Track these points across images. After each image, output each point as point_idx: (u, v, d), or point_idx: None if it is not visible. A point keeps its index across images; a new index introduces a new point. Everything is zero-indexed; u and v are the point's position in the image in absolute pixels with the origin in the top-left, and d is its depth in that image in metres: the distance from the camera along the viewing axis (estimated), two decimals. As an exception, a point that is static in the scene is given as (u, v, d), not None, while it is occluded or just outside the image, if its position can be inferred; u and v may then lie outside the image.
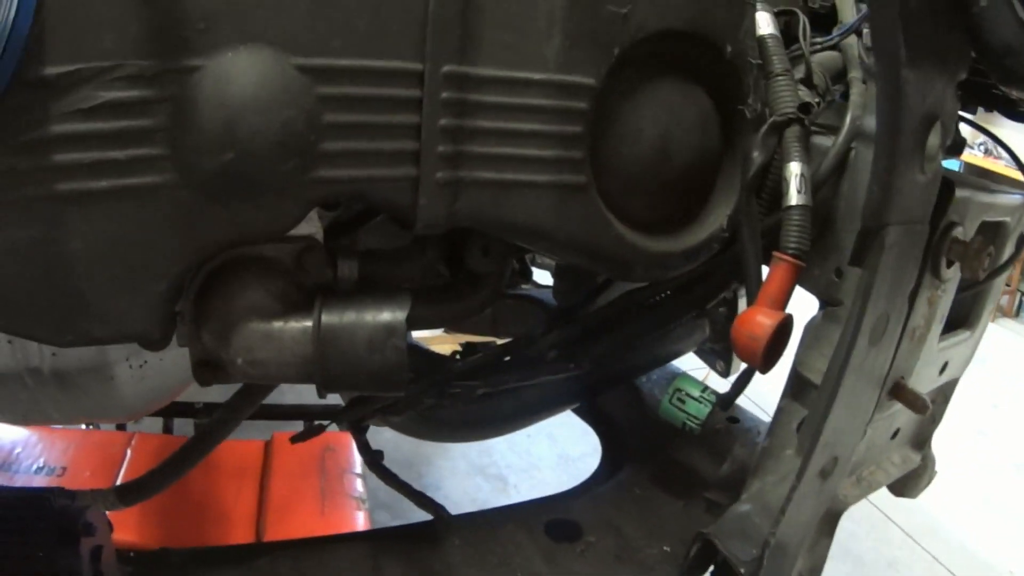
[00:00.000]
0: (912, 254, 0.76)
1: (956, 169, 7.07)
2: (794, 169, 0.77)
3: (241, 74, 0.59)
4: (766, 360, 0.76)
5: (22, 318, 0.62)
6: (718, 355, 1.30)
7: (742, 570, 0.81)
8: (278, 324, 0.69)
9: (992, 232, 1.04)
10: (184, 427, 2.38)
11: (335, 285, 0.76)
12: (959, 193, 0.83)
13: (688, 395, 0.92)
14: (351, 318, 0.69)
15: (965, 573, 3.53)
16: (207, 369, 0.74)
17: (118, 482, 1.99)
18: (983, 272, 0.80)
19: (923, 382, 0.98)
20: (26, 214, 0.58)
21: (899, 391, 0.87)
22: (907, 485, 1.29)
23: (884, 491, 3.72)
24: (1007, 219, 1.04)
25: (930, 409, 0.87)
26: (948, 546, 3.72)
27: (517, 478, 3.26)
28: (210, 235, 0.64)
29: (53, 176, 0.58)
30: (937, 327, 0.94)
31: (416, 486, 1.09)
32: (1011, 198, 1.05)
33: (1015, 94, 1.03)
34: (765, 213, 0.87)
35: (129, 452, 2.23)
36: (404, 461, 3.14)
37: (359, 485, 2.19)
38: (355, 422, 1.10)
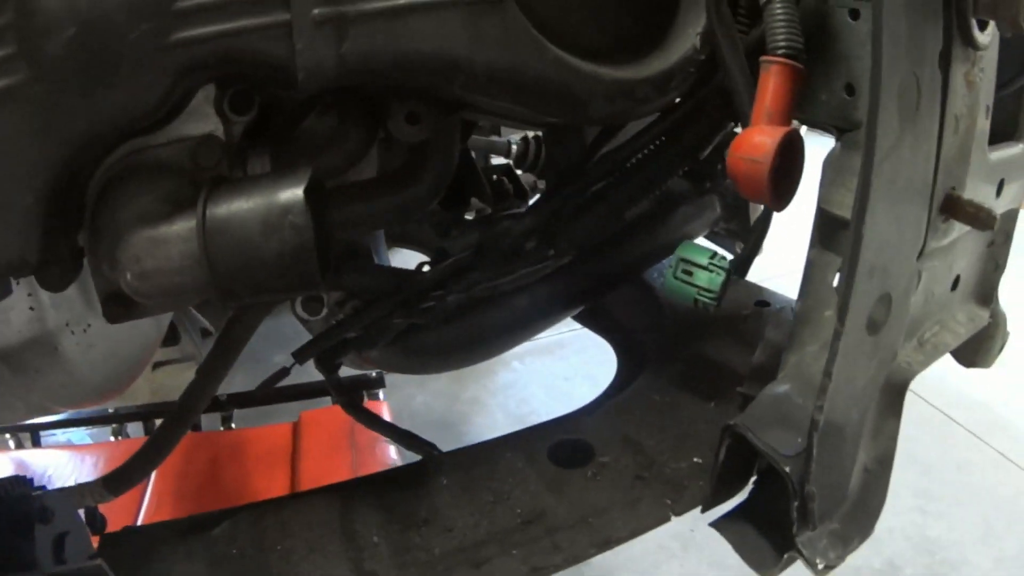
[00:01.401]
0: (927, 6, 0.61)
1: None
2: None
3: None
4: (776, 189, 0.62)
5: None
6: (736, 235, 1.16)
7: (787, 468, 0.65)
8: (164, 227, 0.61)
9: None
10: (212, 422, 2.38)
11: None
12: None
13: (695, 264, 0.77)
14: (241, 204, 0.60)
15: (1038, 466, 3.39)
16: (116, 303, 0.68)
17: (150, 486, 2.06)
18: None
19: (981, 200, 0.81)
20: None
21: (954, 204, 0.70)
22: (979, 351, 1.12)
23: (941, 390, 3.59)
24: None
25: (997, 222, 0.70)
26: (1017, 443, 3.60)
27: (561, 423, 3.24)
28: (72, 131, 0.59)
29: None
30: (984, 121, 0.78)
31: (456, 446, 0.95)
32: None
33: None
34: (747, 29, 0.74)
35: (159, 456, 2.20)
36: (439, 422, 3.08)
37: (392, 452, 2.11)
38: (324, 361, 0.97)
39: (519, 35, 0.64)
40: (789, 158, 0.63)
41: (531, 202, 1.26)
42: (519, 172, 1.33)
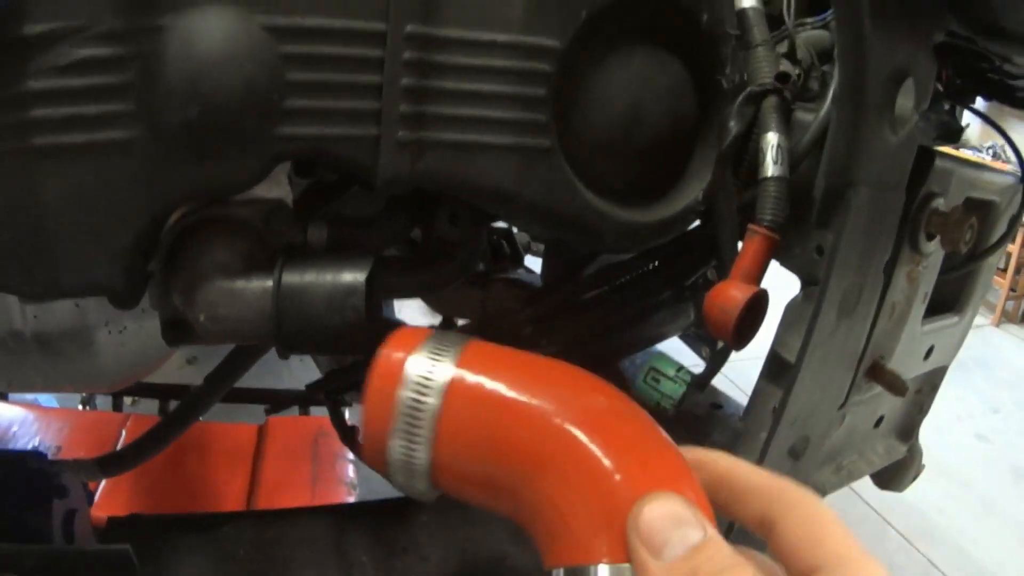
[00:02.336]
0: (885, 222, 0.74)
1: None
2: (771, 140, 0.76)
3: (206, 32, 0.61)
4: (738, 335, 0.74)
5: (-4, 268, 0.65)
6: (703, 340, 1.29)
7: None
8: (241, 282, 0.70)
9: (980, 211, 1.01)
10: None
11: (305, 248, 0.77)
12: (939, 164, 0.81)
13: (662, 374, 0.90)
14: (311, 278, 0.69)
15: (961, 578, 3.51)
16: (174, 329, 0.77)
17: None
18: (964, 245, 0.77)
19: (907, 366, 0.95)
20: (3, 167, 0.61)
21: (878, 372, 0.84)
22: (893, 477, 1.27)
23: (883, 494, 3.73)
24: (995, 199, 1.01)
25: (908, 391, 0.84)
26: (945, 550, 3.71)
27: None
28: (174, 189, 0.66)
29: (30, 131, 0.60)
30: (919, 306, 0.91)
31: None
32: (1001, 177, 1.03)
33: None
34: (745, 188, 0.85)
35: (124, 433, 2.26)
36: None
37: (351, 471, 2.20)
38: (332, 396, 1.08)
39: (559, 179, 0.75)
40: (753, 313, 0.76)
41: (526, 268, 1.37)
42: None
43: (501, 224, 1.48)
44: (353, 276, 0.68)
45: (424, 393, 0.49)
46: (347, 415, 2.35)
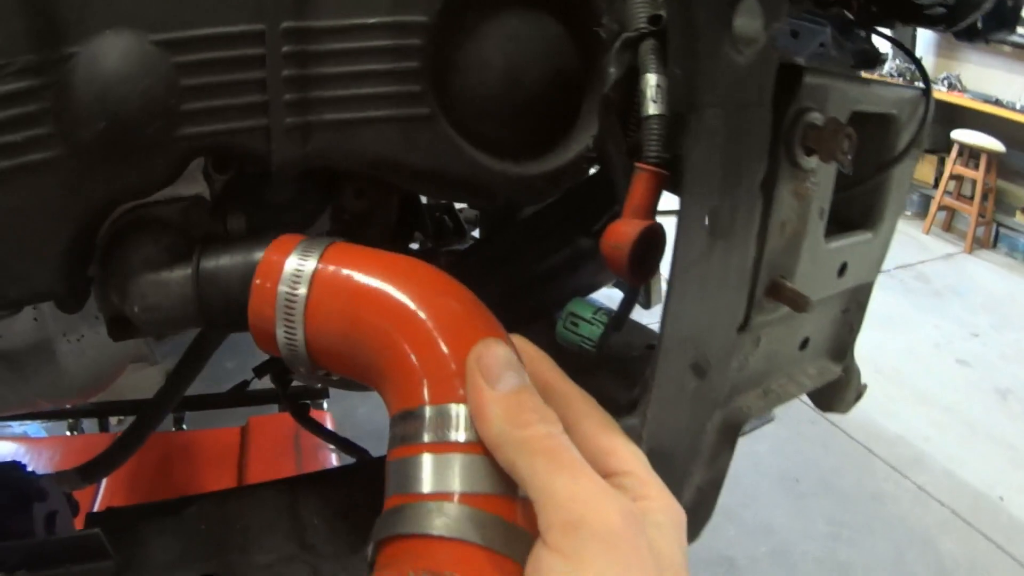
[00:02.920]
0: (748, 141, 0.77)
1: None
2: (650, 80, 0.78)
3: (108, 55, 0.69)
4: (633, 270, 0.78)
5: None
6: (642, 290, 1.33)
7: None
8: (165, 273, 0.77)
9: (877, 125, 1.06)
10: (164, 423, 2.44)
11: (225, 237, 0.84)
12: (811, 79, 0.84)
13: (580, 317, 0.94)
14: (226, 261, 0.76)
15: (953, 501, 3.59)
16: (117, 325, 0.84)
17: (104, 481, 2.13)
18: (843, 155, 0.79)
19: (816, 284, 0.98)
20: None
21: (777, 290, 0.88)
22: (833, 398, 1.30)
23: (864, 425, 3.79)
24: (893, 111, 1.05)
25: (811, 306, 0.88)
26: (934, 475, 3.78)
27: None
28: (96, 196, 0.74)
29: (-37, 162, 0.70)
30: (817, 223, 0.94)
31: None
32: (896, 91, 1.06)
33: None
34: (633, 135, 0.89)
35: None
36: (377, 432, 2.94)
37: (333, 459, 2.27)
38: (279, 377, 1.13)
39: (444, 143, 0.81)
40: (648, 245, 0.79)
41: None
42: (464, 206, 1.47)
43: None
44: (259, 254, 0.72)
45: (295, 286, 0.62)
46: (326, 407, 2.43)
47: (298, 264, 0.64)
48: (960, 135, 6.96)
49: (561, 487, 0.45)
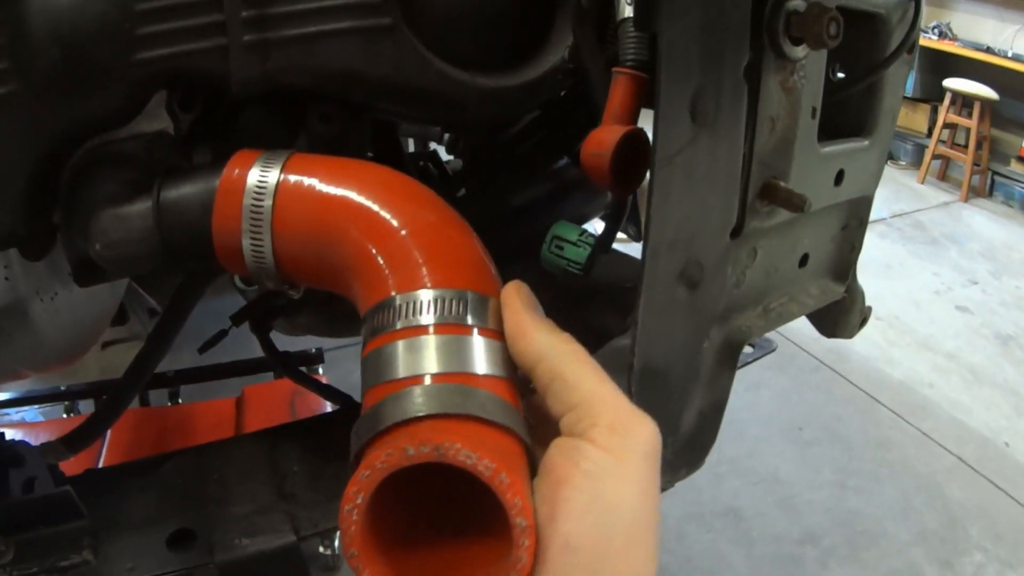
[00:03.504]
0: (728, 19, 0.73)
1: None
2: None
3: None
4: (616, 178, 0.74)
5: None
6: (629, 219, 1.30)
7: None
8: (127, 207, 0.74)
9: (866, 24, 1.02)
10: (160, 398, 2.50)
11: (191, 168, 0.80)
12: None
13: (565, 240, 0.90)
14: (187, 189, 0.73)
15: (958, 447, 3.58)
16: (83, 269, 0.81)
17: (102, 459, 2.15)
18: (830, 40, 0.75)
19: (813, 190, 0.93)
20: None
21: (770, 190, 0.84)
22: (837, 323, 1.27)
23: (867, 372, 3.76)
24: (881, 11, 1.01)
25: (808, 205, 0.84)
26: (939, 422, 3.77)
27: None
28: (54, 130, 0.73)
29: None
30: (809, 122, 0.90)
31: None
32: None
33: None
34: (611, 45, 0.85)
35: (109, 430, 2.26)
36: None
37: (329, 424, 2.22)
38: (257, 323, 1.09)
39: (408, 54, 0.78)
40: (631, 152, 0.76)
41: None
42: (451, 157, 1.45)
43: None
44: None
45: (260, 196, 0.63)
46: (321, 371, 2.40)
47: (260, 175, 0.64)
48: (952, 83, 6.89)
49: (610, 393, 0.49)
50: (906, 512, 3.14)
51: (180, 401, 2.48)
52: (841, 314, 1.25)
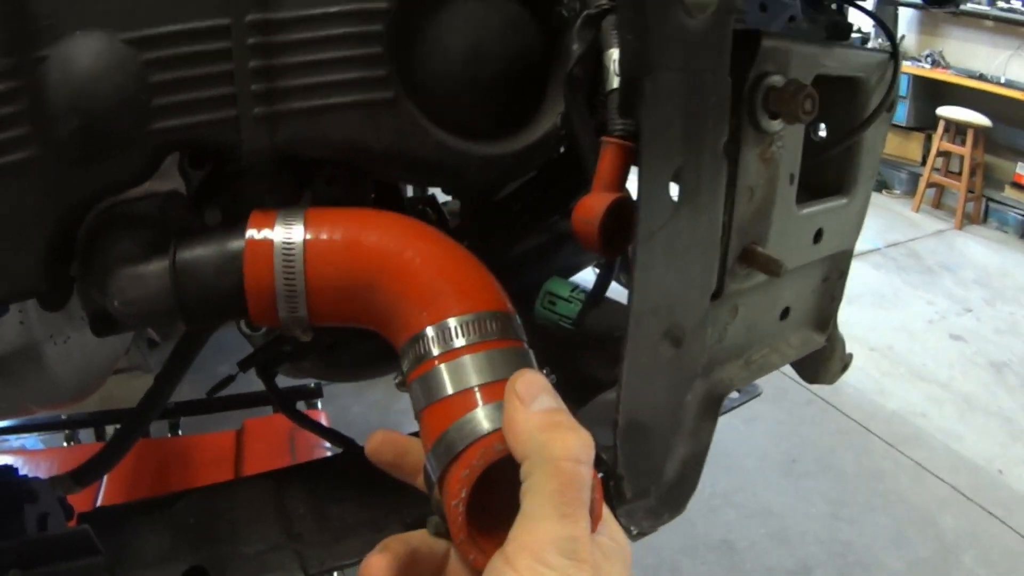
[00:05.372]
0: (707, 103, 0.78)
1: (904, 82, 7.10)
2: (613, 55, 0.80)
3: (79, 56, 0.71)
4: (604, 243, 0.78)
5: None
6: (620, 268, 1.34)
7: (603, 456, 0.84)
8: (143, 266, 0.78)
9: (845, 89, 1.06)
10: (160, 429, 2.51)
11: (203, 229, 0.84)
12: (768, 43, 0.85)
13: (557, 296, 0.95)
14: (201, 251, 0.76)
15: (952, 477, 3.59)
16: (100, 321, 0.86)
17: (103, 489, 2.14)
18: (805, 115, 0.81)
19: (791, 251, 0.99)
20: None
21: (750, 256, 0.89)
22: (818, 369, 1.31)
23: (860, 404, 3.77)
24: (860, 75, 1.06)
25: (784, 270, 0.89)
26: (932, 452, 3.78)
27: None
28: (73, 194, 0.77)
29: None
30: (787, 188, 0.95)
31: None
32: (863, 55, 1.07)
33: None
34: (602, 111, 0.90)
35: (111, 460, 2.29)
36: (373, 430, 3.16)
37: (328, 456, 2.24)
38: (263, 369, 1.14)
39: (409, 125, 0.83)
40: (618, 218, 0.80)
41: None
42: (448, 198, 1.49)
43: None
44: (236, 242, 0.74)
45: (290, 256, 0.68)
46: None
47: (285, 235, 0.69)
48: (946, 111, 6.95)
49: (542, 522, 0.49)
50: (899, 542, 3.15)
51: (180, 432, 2.51)
52: (823, 362, 1.29)
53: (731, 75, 0.79)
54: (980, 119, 6.76)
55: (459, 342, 0.60)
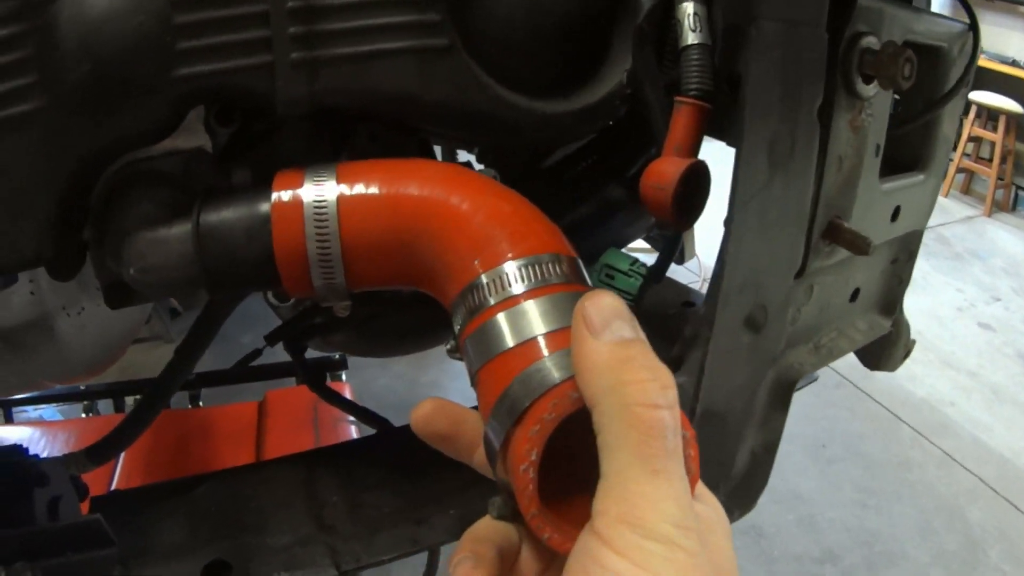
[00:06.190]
0: (805, 61, 0.70)
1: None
2: (687, 8, 0.73)
3: None
4: (678, 212, 0.71)
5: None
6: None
7: None
8: (164, 230, 0.69)
9: (927, 58, 0.99)
10: (180, 400, 2.46)
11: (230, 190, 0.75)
12: (865, 1, 0.77)
13: (616, 269, 0.87)
14: (229, 214, 0.68)
15: (979, 468, 3.54)
16: (115, 292, 0.77)
17: (121, 461, 2.11)
18: (904, 80, 0.73)
19: (872, 228, 0.92)
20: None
21: (835, 231, 0.81)
22: (881, 356, 1.24)
23: (890, 389, 3.72)
24: (943, 44, 0.99)
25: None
26: (960, 441, 3.73)
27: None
28: (84, 147, 0.68)
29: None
30: (872, 160, 0.88)
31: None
32: (948, 23, 1.00)
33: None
34: (671, 69, 0.82)
35: (129, 430, 2.26)
36: (399, 404, 3.14)
37: (353, 432, 2.20)
38: (292, 343, 1.07)
39: (465, 76, 0.74)
40: (693, 185, 0.72)
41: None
42: (481, 167, 1.42)
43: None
44: (266, 204, 0.66)
45: (322, 216, 0.60)
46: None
47: (317, 194, 0.61)
48: (978, 96, 6.82)
49: (639, 476, 0.39)
50: (925, 533, 3.11)
51: (201, 404, 2.46)
52: (886, 347, 1.22)
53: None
54: (1013, 105, 6.64)
55: (518, 288, 0.51)
